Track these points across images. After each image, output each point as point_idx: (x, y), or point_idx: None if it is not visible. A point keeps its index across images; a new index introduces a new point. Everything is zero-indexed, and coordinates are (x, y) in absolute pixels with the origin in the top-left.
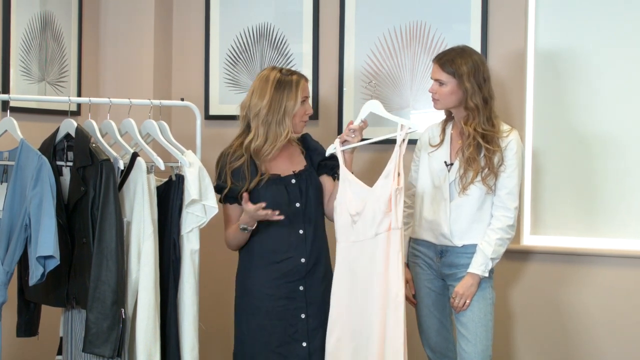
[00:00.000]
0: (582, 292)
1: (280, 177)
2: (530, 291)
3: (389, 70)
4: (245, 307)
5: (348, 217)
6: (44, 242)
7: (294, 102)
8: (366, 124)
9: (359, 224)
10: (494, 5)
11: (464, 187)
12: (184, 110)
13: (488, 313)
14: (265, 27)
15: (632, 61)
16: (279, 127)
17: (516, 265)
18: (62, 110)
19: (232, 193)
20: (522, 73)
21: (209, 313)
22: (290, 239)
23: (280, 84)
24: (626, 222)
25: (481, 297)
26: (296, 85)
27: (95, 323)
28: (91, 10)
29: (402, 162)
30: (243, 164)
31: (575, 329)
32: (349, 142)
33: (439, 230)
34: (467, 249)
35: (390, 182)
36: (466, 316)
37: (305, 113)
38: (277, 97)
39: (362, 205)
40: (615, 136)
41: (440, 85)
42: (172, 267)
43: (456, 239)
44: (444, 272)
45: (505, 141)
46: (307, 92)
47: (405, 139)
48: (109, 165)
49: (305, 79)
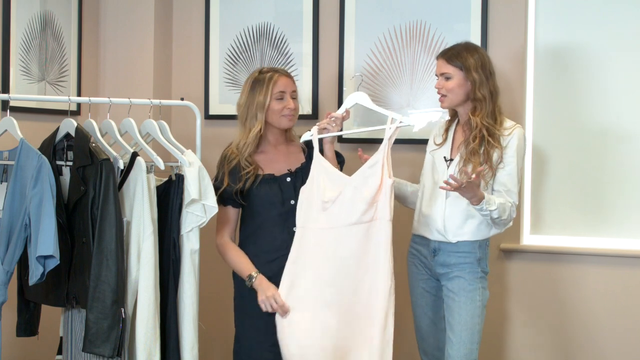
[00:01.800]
0: (582, 292)
1: (274, 176)
2: (530, 291)
3: (388, 70)
4: (241, 306)
5: (319, 203)
6: (44, 241)
7: (264, 96)
8: (349, 114)
9: (331, 211)
10: (494, 4)
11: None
12: (183, 110)
13: (475, 316)
14: (265, 26)
15: (633, 58)
16: (251, 122)
17: (516, 265)
18: (62, 110)
19: (226, 194)
20: (522, 71)
21: (209, 313)
22: (283, 236)
23: (254, 83)
24: (627, 222)
25: (469, 299)
26: (268, 81)
27: (95, 322)
28: (91, 10)
29: (390, 155)
30: (237, 164)
31: (575, 328)
32: (328, 130)
33: (434, 225)
34: (460, 247)
35: (375, 172)
36: (454, 318)
37: (286, 107)
38: (251, 95)
39: (337, 192)
40: (617, 134)
41: (446, 80)
42: (172, 267)
43: (450, 235)
44: (437, 271)
45: (507, 139)
46: (283, 87)
47: (395, 133)
48: (109, 165)
49: (283, 74)
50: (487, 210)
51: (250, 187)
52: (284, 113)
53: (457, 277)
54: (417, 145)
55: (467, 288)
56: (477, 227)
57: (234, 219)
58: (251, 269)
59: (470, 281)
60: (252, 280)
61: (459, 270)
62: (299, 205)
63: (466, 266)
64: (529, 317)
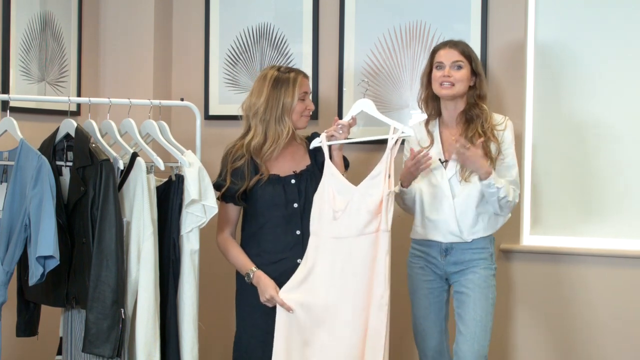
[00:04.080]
0: (582, 292)
1: (279, 177)
2: (529, 291)
3: (389, 70)
4: (243, 306)
5: (330, 212)
6: (44, 242)
7: (291, 98)
8: (355, 121)
9: (342, 221)
10: (493, 3)
11: (464, 177)
12: (183, 110)
13: (489, 313)
14: (265, 27)
15: (632, 56)
16: (279, 125)
17: (516, 265)
18: (62, 110)
19: (229, 192)
20: (522, 71)
21: (209, 313)
22: (287, 239)
23: (277, 82)
24: (627, 222)
25: (484, 296)
26: (293, 82)
27: (95, 323)
28: (91, 10)
29: (393, 165)
30: (244, 164)
31: (575, 329)
32: (335, 137)
33: (447, 228)
34: (474, 244)
35: (378, 183)
36: (467, 314)
37: (307, 108)
38: (274, 95)
39: (345, 202)
40: (617, 133)
41: (458, 69)
42: (171, 267)
43: (465, 234)
44: (448, 270)
45: (501, 132)
46: (306, 88)
47: (397, 142)
48: (109, 165)
49: (303, 75)
50: (495, 187)
51: (254, 187)
52: (305, 114)
53: (471, 273)
54: None
55: (482, 285)
56: (488, 222)
57: (235, 217)
58: (250, 266)
59: (485, 278)
60: (250, 277)
61: (474, 267)
62: (313, 211)
63: (481, 262)
64: (528, 317)
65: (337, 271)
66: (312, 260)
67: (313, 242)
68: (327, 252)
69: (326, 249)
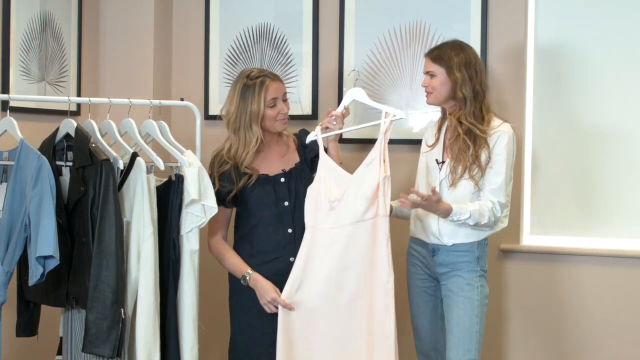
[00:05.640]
0: (581, 292)
1: (268, 176)
2: (529, 291)
3: (388, 70)
4: (237, 306)
5: (326, 203)
6: (44, 242)
7: (257, 105)
8: (348, 111)
9: (339, 210)
10: (493, 3)
11: (453, 182)
12: (183, 110)
13: (473, 316)
14: (265, 27)
15: (633, 57)
16: (248, 133)
17: (516, 265)
18: (62, 110)
19: (219, 195)
20: (522, 71)
21: (209, 313)
22: (279, 238)
23: (244, 89)
24: (626, 222)
25: (467, 298)
26: (259, 88)
27: (95, 323)
28: (91, 10)
29: (387, 150)
30: (229, 168)
31: (575, 329)
32: (330, 129)
33: (429, 229)
34: (458, 247)
35: (373, 169)
36: (452, 318)
37: (279, 112)
38: (242, 103)
39: (342, 191)
40: (617, 134)
41: (431, 78)
42: (171, 267)
43: (445, 238)
44: (437, 271)
45: (493, 138)
46: (275, 94)
47: (389, 127)
48: (109, 165)
49: (273, 79)
50: (461, 220)
51: (244, 188)
52: (278, 118)
53: (455, 276)
54: (416, 146)
55: (465, 288)
56: (471, 229)
57: (227, 220)
58: (245, 268)
59: (469, 280)
60: (247, 280)
61: (458, 269)
62: (307, 205)
63: (465, 265)
64: (528, 317)
65: (336, 261)
66: (306, 254)
67: (308, 236)
68: (324, 243)
69: (323, 240)
